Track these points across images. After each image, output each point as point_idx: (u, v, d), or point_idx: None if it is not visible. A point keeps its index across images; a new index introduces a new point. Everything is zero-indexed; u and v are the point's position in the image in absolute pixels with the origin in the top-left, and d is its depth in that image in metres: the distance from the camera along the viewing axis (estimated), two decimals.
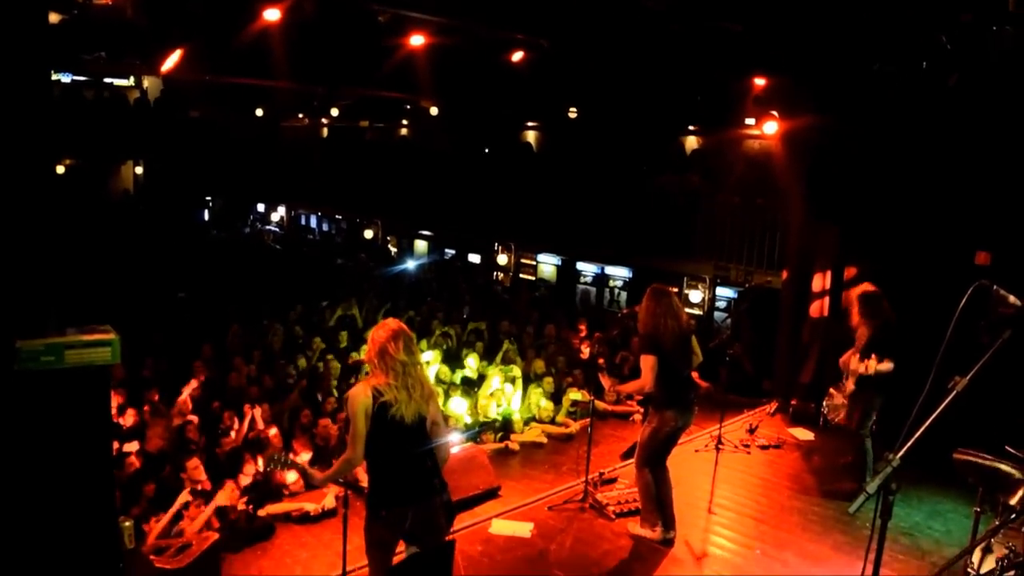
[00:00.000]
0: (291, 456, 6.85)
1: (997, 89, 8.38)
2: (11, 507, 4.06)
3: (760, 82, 10.50)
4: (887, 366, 7.58)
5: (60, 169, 22.64)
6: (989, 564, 5.06)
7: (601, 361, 9.42)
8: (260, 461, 7.94)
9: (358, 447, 4.62)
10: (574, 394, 10.38)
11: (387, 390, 4.60)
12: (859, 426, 7.95)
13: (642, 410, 10.06)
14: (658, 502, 6.89)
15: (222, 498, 7.12)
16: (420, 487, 4.77)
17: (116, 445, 7.57)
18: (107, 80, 25.36)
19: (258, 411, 8.77)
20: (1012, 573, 4.59)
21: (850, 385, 7.98)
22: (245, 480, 7.73)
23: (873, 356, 7.64)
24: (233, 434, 8.45)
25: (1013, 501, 4.40)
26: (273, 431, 8.55)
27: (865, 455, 7.97)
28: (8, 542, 4.05)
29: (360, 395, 4.61)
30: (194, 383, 9.15)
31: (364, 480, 4.99)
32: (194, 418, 8.57)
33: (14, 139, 4.19)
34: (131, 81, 26.06)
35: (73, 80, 23.71)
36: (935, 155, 9.28)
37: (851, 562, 6.70)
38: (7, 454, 4.02)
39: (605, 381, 7.30)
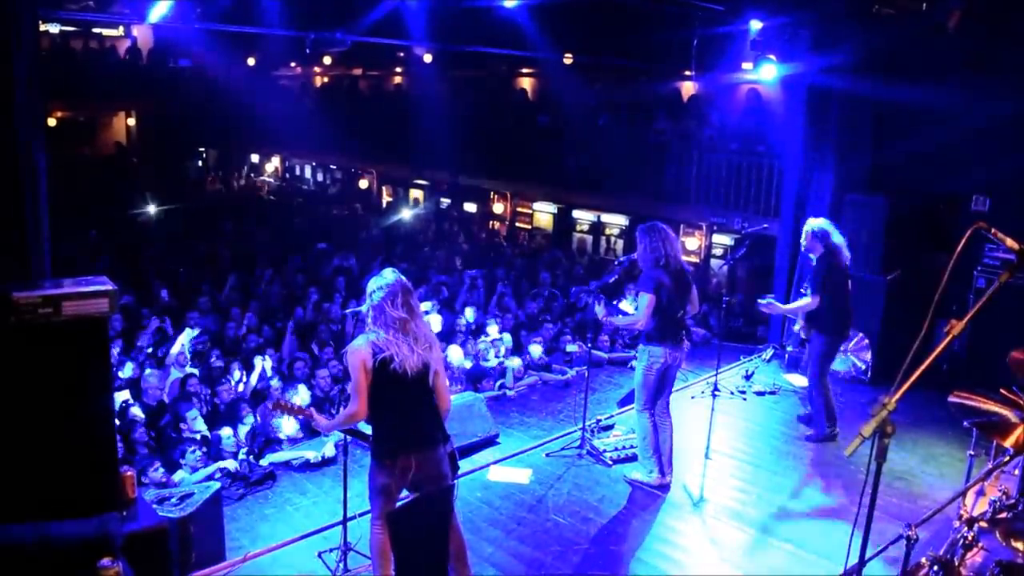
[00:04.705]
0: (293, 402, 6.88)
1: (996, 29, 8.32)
2: (14, 457, 4.08)
3: (757, 25, 10.36)
4: (803, 302, 7.76)
5: (51, 122, 22.43)
6: (982, 507, 5.12)
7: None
8: (257, 416, 8.02)
9: (361, 401, 4.63)
10: (570, 347, 10.43)
11: (387, 345, 4.60)
12: (809, 370, 8.11)
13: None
14: (656, 448, 6.93)
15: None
16: (424, 436, 4.80)
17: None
18: (96, 30, 25.01)
19: (268, 363, 8.82)
20: (1004, 515, 4.64)
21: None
22: (244, 429, 7.79)
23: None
24: (236, 384, 8.48)
25: (1008, 443, 4.42)
26: (275, 382, 8.61)
27: (822, 402, 8.07)
28: (12, 493, 4.09)
29: (360, 350, 4.61)
30: (184, 337, 9.08)
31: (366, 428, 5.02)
32: (195, 371, 8.60)
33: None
34: (120, 31, 25.70)
35: (62, 30, 23.37)
36: (932, 97, 9.19)
37: (846, 506, 6.78)
38: (8, 406, 4.03)
39: (600, 310, 7.27)
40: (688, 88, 17.60)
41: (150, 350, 9.01)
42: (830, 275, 7.72)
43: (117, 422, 6.32)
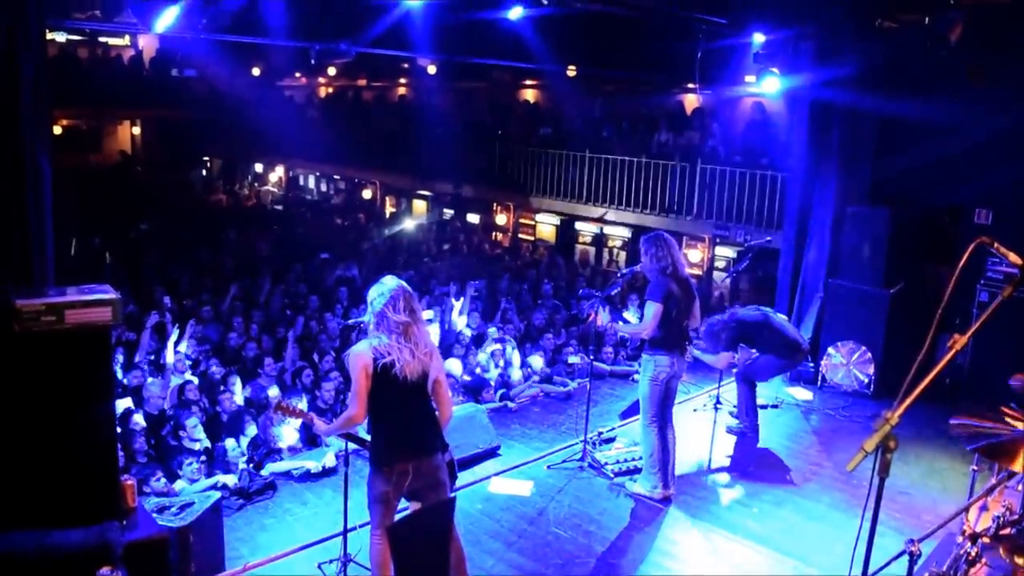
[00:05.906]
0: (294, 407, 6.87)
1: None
2: (15, 464, 4.08)
3: (761, 38, 10.38)
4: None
5: (56, 130, 22.52)
6: (985, 522, 5.10)
7: (595, 317, 9.39)
8: (256, 425, 7.99)
9: (360, 405, 4.64)
10: (573, 358, 10.41)
11: (389, 350, 4.60)
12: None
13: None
14: (661, 462, 6.91)
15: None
16: (423, 443, 4.80)
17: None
18: (102, 39, 25.11)
19: (238, 385, 8.76)
20: (1008, 531, 4.62)
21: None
22: (244, 441, 7.77)
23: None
24: (234, 395, 8.46)
25: (1016, 466, 4.37)
26: (274, 391, 8.59)
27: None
28: (13, 501, 4.08)
29: (362, 354, 4.62)
30: (172, 342, 8.99)
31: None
32: (194, 379, 8.59)
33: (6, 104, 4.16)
34: (126, 40, 25.79)
35: (68, 39, 23.47)
36: (934, 109, 9.20)
37: (848, 520, 6.75)
38: (10, 413, 4.02)
39: (604, 316, 7.22)
40: (691, 100, 17.62)
41: (152, 357, 8.99)
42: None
43: (119, 430, 6.32)
